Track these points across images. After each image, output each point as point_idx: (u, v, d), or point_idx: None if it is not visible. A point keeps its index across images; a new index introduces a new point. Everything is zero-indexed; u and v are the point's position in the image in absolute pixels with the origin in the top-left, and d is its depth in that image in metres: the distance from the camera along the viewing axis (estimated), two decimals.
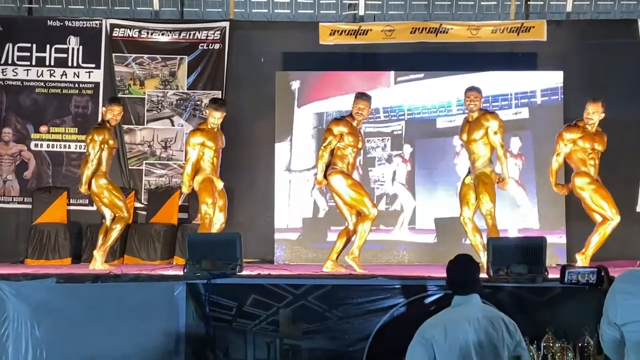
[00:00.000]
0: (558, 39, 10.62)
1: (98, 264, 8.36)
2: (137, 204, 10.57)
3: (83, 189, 8.51)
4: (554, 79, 10.21)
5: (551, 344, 5.84)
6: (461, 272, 4.50)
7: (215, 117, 8.35)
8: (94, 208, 10.24)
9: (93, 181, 8.42)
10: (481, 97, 8.22)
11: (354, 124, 8.19)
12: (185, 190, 8.51)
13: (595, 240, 7.97)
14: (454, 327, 4.18)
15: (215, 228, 8.28)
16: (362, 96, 8.24)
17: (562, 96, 10.12)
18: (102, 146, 8.41)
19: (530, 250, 6.58)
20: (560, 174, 8.40)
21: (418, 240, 10.21)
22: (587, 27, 10.75)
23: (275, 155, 10.33)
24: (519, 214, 10.12)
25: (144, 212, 10.56)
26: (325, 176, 8.14)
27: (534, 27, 10.63)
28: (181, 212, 10.46)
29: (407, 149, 10.39)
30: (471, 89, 8.23)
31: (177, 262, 9.58)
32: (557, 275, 6.49)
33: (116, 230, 8.53)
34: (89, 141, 8.45)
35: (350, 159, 8.17)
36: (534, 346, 5.80)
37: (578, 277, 4.83)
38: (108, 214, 8.58)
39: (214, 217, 8.24)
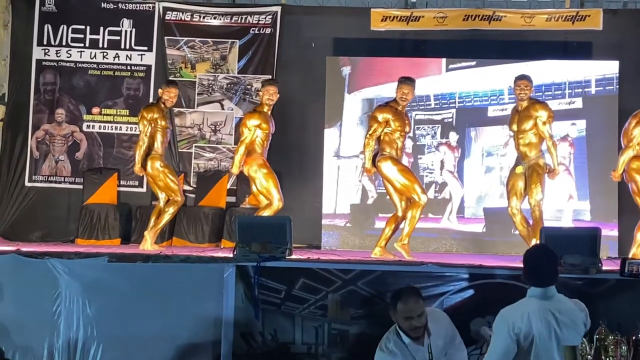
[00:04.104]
0: (614, 28, 10.38)
1: (148, 244, 8.45)
2: (186, 187, 10.60)
3: (136, 168, 8.65)
4: (609, 68, 10.01)
5: (604, 337, 5.73)
6: (542, 263, 4.40)
7: (270, 92, 8.45)
8: (144, 190, 10.44)
9: (149, 163, 8.53)
10: (531, 85, 8.11)
11: (399, 108, 8.15)
12: (235, 170, 8.57)
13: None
14: (539, 320, 4.11)
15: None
16: (405, 80, 8.18)
17: (617, 86, 9.93)
18: (152, 124, 8.52)
19: (584, 240, 6.49)
20: None
21: (467, 230, 10.12)
22: None
23: (325, 141, 10.31)
24: (570, 205, 9.98)
25: (192, 195, 10.59)
26: (374, 163, 8.13)
27: (589, 15, 10.41)
28: (229, 195, 10.48)
29: (453, 136, 10.29)
30: (521, 77, 8.12)
31: (225, 245, 9.62)
32: (610, 268, 6.47)
33: (168, 213, 8.63)
34: (139, 119, 8.65)
35: (399, 143, 8.15)
36: (587, 338, 5.71)
37: (639, 268, 4.79)
38: (162, 196, 8.66)
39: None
